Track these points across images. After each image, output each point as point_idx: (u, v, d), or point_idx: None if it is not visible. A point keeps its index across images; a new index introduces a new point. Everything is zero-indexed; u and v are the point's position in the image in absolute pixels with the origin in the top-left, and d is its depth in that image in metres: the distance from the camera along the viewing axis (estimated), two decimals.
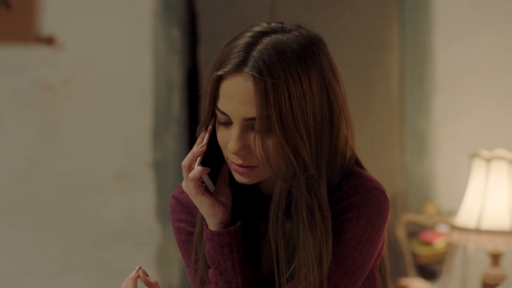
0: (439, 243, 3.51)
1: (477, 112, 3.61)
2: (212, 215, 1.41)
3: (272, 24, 1.41)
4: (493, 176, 3.00)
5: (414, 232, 3.58)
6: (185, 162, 1.41)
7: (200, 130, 1.44)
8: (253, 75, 1.33)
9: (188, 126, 3.77)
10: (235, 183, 1.45)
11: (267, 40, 1.37)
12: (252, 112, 1.34)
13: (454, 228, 3.06)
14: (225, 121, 1.38)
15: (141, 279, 1.43)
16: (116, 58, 3.67)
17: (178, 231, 1.54)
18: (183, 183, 1.43)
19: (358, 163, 1.49)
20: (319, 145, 1.38)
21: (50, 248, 3.64)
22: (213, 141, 1.42)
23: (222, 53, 1.39)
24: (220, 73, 1.36)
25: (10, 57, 3.60)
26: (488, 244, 3.03)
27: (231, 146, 1.36)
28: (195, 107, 3.76)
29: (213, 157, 1.42)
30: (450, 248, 3.41)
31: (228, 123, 1.38)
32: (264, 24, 1.41)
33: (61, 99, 3.63)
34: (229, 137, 1.37)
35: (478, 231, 2.97)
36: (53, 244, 3.64)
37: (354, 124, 1.45)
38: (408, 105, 3.73)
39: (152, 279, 1.44)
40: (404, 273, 3.48)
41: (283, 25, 1.41)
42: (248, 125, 1.36)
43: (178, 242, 1.54)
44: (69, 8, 3.63)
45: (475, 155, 3.07)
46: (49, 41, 3.59)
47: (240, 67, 1.35)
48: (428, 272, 3.54)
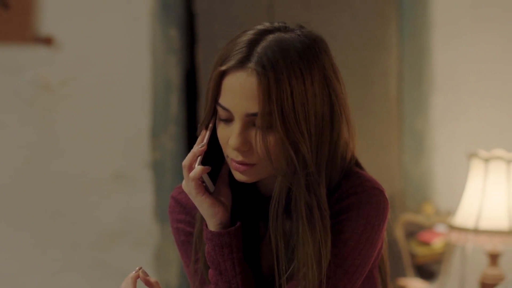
0: (437, 243, 3.51)
1: (476, 112, 3.61)
2: (212, 215, 1.41)
3: (275, 24, 1.41)
4: (491, 176, 3.00)
5: (412, 232, 3.58)
6: (186, 162, 1.41)
7: (201, 128, 1.44)
8: (257, 70, 1.34)
9: (186, 126, 3.76)
10: (235, 184, 1.45)
11: (271, 37, 1.37)
12: (255, 108, 1.35)
13: (452, 228, 3.06)
14: (226, 118, 1.38)
15: (141, 279, 1.43)
16: (114, 58, 3.67)
17: (177, 232, 1.53)
18: (183, 183, 1.42)
19: (358, 164, 1.49)
20: (319, 144, 1.38)
21: (49, 248, 3.63)
22: (213, 141, 1.42)
23: (225, 50, 1.39)
24: (224, 68, 1.36)
25: (8, 57, 3.60)
26: (486, 244, 3.03)
27: (232, 142, 1.36)
28: (193, 107, 3.76)
29: (213, 157, 1.42)
30: (448, 248, 3.41)
31: (229, 120, 1.38)
32: (267, 24, 1.41)
33: (60, 99, 3.62)
34: (230, 134, 1.37)
35: (476, 231, 2.97)
36: (52, 244, 3.64)
37: (355, 127, 1.45)
38: (406, 105, 3.73)
39: (152, 279, 1.44)
40: (402, 273, 3.48)
41: (286, 25, 1.41)
42: (250, 121, 1.36)
43: (177, 243, 1.54)
44: (67, 8, 3.63)
45: (473, 155, 3.07)
46: (47, 41, 3.58)
47: (244, 63, 1.35)
48: (426, 272, 3.54)
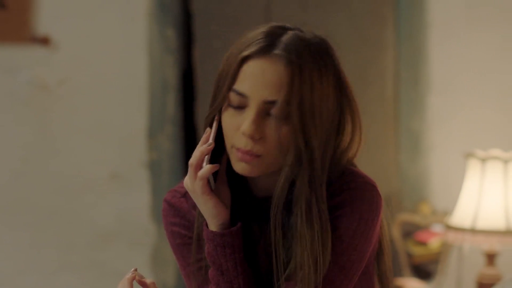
0: (434, 243, 3.51)
1: (472, 112, 3.61)
2: (215, 216, 1.41)
3: (287, 24, 1.42)
4: (488, 176, 3.00)
5: (409, 232, 3.58)
6: (193, 161, 1.39)
7: (209, 118, 1.42)
8: (285, 57, 1.34)
9: (183, 126, 3.76)
10: (230, 184, 1.44)
11: (291, 33, 1.38)
12: (274, 95, 1.34)
13: (449, 228, 3.06)
14: (239, 104, 1.37)
15: (137, 281, 1.43)
16: (111, 58, 3.66)
17: (172, 235, 1.52)
18: (186, 182, 1.41)
19: (350, 162, 1.49)
20: (327, 143, 1.38)
21: (45, 248, 3.63)
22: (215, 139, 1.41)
23: (245, 39, 1.39)
24: (246, 54, 1.36)
25: (5, 57, 3.60)
26: (483, 244, 3.03)
27: (246, 128, 1.35)
28: (190, 107, 3.76)
29: (214, 156, 1.41)
30: (445, 248, 3.41)
31: (242, 107, 1.37)
32: (275, 23, 1.42)
33: (56, 99, 3.62)
34: (241, 121, 1.36)
35: (473, 231, 2.97)
36: (48, 244, 3.63)
37: (363, 136, 1.45)
38: (403, 105, 3.73)
39: (148, 280, 1.44)
40: (399, 273, 3.47)
41: (297, 27, 1.42)
42: (265, 110, 1.36)
43: (173, 246, 1.53)
44: (64, 8, 3.63)
45: (470, 155, 3.07)
46: (44, 41, 3.58)
47: (269, 49, 1.35)
48: (423, 272, 3.54)
